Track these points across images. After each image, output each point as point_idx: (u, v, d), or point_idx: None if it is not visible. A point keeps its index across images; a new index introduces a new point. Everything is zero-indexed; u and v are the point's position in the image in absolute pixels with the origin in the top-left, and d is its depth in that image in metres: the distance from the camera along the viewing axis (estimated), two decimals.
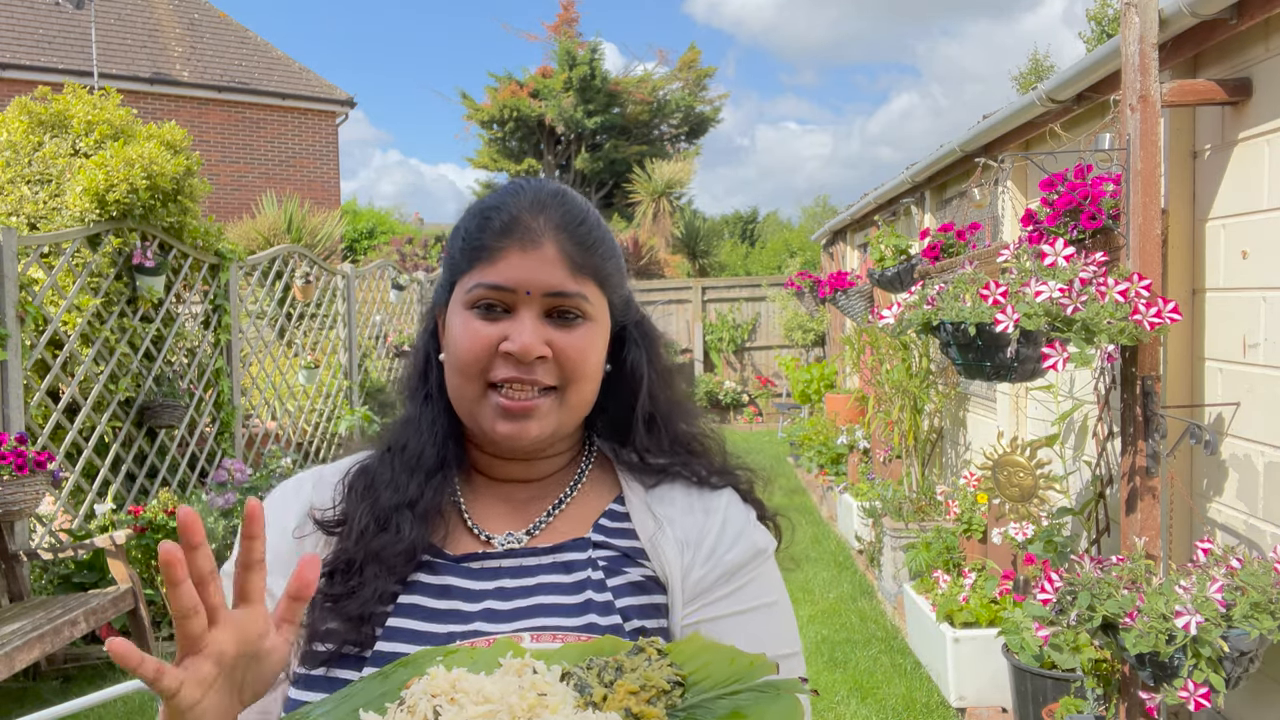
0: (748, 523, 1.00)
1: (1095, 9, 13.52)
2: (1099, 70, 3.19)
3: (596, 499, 1.03)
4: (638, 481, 1.03)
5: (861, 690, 4.06)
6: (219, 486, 5.26)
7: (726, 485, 1.03)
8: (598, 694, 0.72)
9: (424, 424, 1.01)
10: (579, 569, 0.95)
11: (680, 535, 0.97)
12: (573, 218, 0.96)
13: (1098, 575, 2.41)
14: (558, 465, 1.04)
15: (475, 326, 0.93)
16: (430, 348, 1.03)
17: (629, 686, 0.73)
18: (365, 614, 0.90)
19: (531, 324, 0.92)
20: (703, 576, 0.95)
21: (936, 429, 6.05)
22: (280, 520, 0.97)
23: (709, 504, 1.00)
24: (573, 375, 0.94)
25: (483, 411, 0.94)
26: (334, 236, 12.69)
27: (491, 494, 1.02)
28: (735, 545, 0.97)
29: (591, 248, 0.96)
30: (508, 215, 0.95)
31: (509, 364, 0.92)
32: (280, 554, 0.93)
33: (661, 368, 1.06)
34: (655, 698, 0.73)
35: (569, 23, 24.86)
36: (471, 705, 0.70)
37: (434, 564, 0.95)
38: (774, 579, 0.99)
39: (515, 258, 0.93)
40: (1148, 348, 2.61)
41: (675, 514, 0.99)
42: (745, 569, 0.96)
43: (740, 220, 31.45)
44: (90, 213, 5.06)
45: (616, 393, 1.04)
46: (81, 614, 4.09)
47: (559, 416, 0.95)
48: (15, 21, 14.75)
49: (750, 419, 13.38)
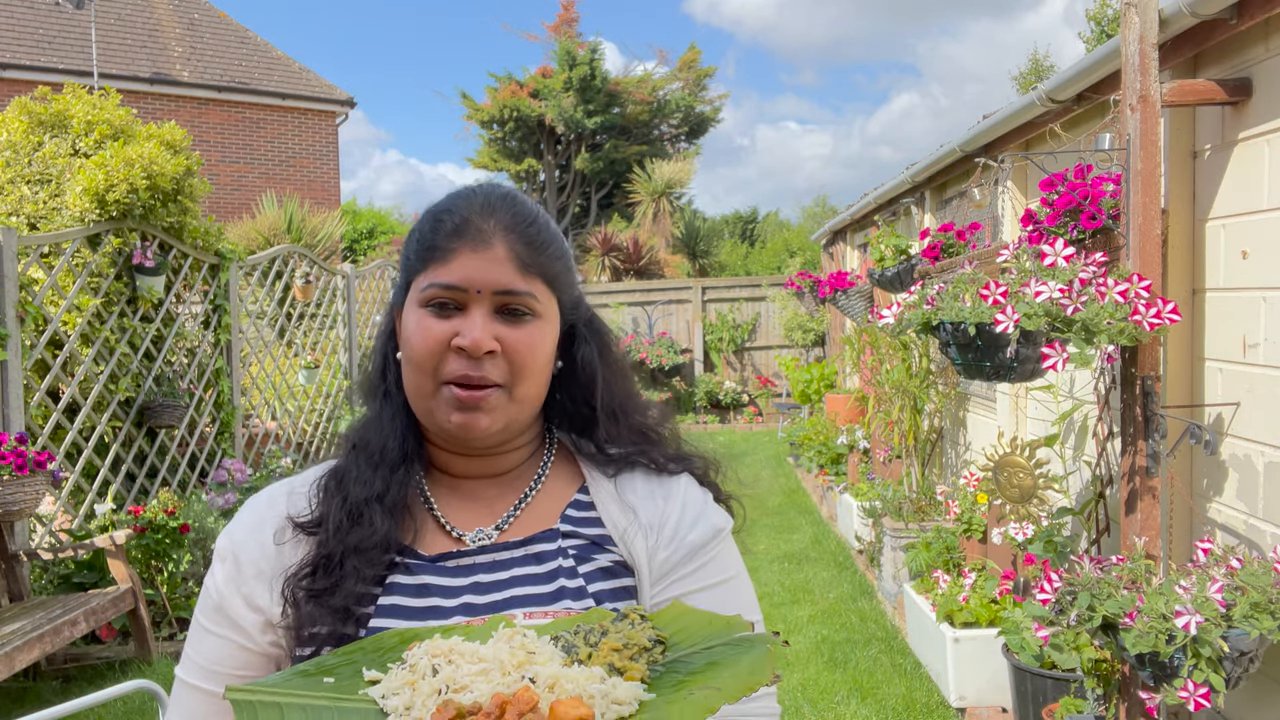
0: (706, 504, 1.07)
1: (1095, 9, 13.52)
2: (1099, 70, 3.19)
3: (561, 490, 1.07)
4: (599, 471, 1.08)
5: (861, 690, 4.06)
6: (219, 486, 5.26)
7: (683, 471, 1.09)
8: (583, 653, 0.78)
9: (384, 420, 1.05)
10: (550, 559, 1.00)
11: (644, 520, 1.03)
12: (522, 219, 1.01)
13: (1098, 575, 2.41)
14: (519, 460, 1.08)
15: (428, 324, 0.97)
16: (388, 347, 1.08)
17: (612, 644, 0.79)
18: (349, 607, 0.93)
19: (482, 320, 0.96)
20: (667, 557, 1.01)
21: (936, 429, 6.05)
22: (257, 534, 1.01)
23: (669, 489, 1.06)
24: (520, 370, 0.98)
25: (437, 405, 0.98)
26: (334, 236, 12.69)
27: (459, 493, 1.06)
28: (696, 526, 1.03)
29: (540, 248, 1.00)
30: (459, 217, 0.99)
31: (461, 360, 0.96)
32: (261, 565, 0.98)
33: (613, 362, 1.12)
34: (637, 654, 0.79)
35: (569, 23, 24.86)
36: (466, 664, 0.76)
37: (410, 565, 0.99)
38: (733, 555, 1.06)
39: (466, 258, 0.97)
40: (1148, 348, 2.61)
41: (638, 500, 1.05)
42: (706, 548, 1.03)
43: (740, 220, 31.46)
44: (90, 213, 5.06)
45: (570, 387, 1.09)
46: (81, 614, 4.09)
47: (508, 411, 0.99)
48: (15, 21, 14.74)
49: (750, 419, 13.38)
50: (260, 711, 0.75)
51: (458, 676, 0.75)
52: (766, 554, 6.39)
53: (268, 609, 0.96)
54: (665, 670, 0.78)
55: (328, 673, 0.81)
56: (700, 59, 25.39)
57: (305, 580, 0.95)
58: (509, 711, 0.70)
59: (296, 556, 0.98)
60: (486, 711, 0.70)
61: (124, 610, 4.42)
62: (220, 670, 0.96)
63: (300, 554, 0.98)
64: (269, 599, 0.96)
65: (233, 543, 1.01)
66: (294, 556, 0.98)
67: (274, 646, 0.96)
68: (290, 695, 0.77)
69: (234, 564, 0.99)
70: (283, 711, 0.75)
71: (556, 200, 24.83)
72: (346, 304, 8.06)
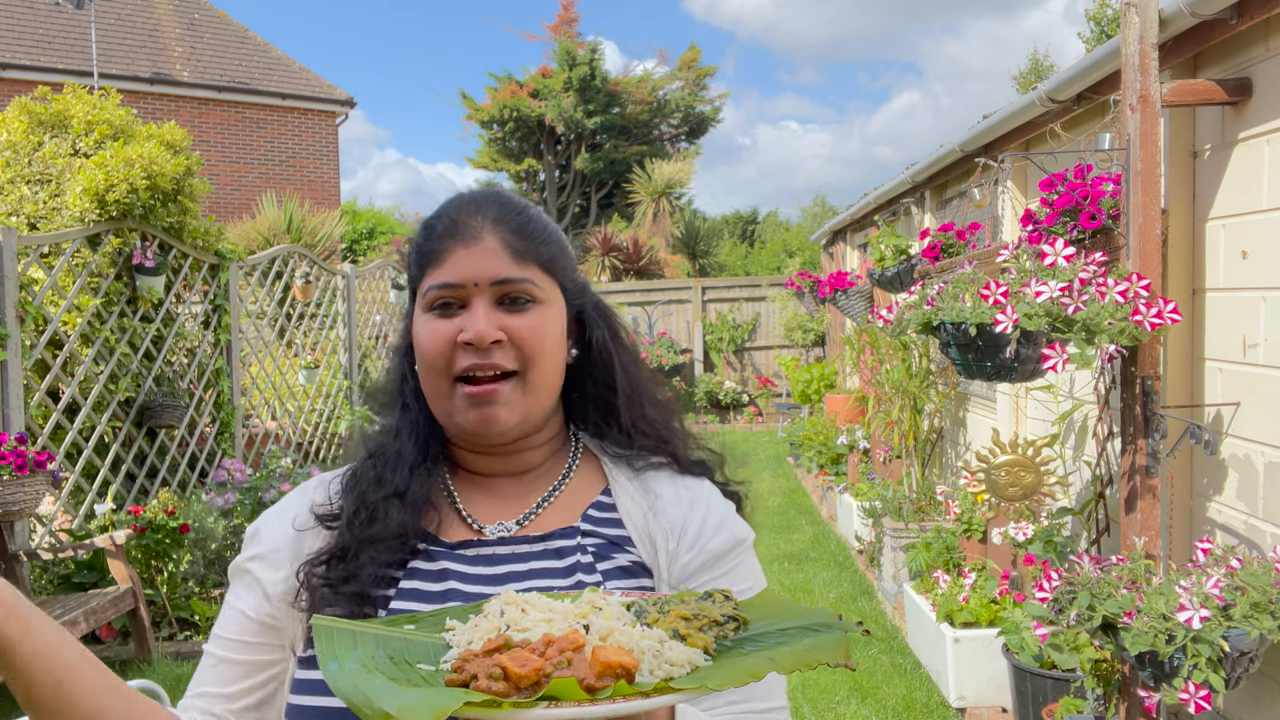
0: (729, 514, 1.07)
1: (1095, 9, 13.50)
2: (1099, 70, 3.19)
3: (585, 491, 1.08)
4: (622, 472, 1.09)
5: (861, 690, 4.06)
6: (219, 486, 5.26)
7: (705, 474, 1.11)
8: (651, 618, 0.80)
9: (404, 429, 1.07)
10: (569, 554, 1.01)
11: (666, 524, 1.03)
12: (509, 211, 1.03)
13: (1097, 575, 2.41)
14: (542, 458, 1.09)
15: (434, 325, 1.00)
16: (406, 361, 1.10)
17: (681, 613, 0.80)
18: (364, 593, 0.95)
19: (484, 312, 0.98)
20: (688, 562, 1.01)
21: (936, 429, 6.05)
22: (283, 517, 1.06)
23: (693, 494, 1.07)
24: (531, 355, 1.00)
25: (454, 405, 1.00)
26: (334, 236, 12.69)
27: (484, 490, 1.07)
28: (718, 534, 1.03)
29: (531, 235, 1.02)
30: (448, 219, 1.02)
31: (469, 353, 0.98)
32: (280, 547, 1.02)
33: (625, 344, 1.13)
34: (706, 626, 0.79)
35: (569, 23, 24.86)
36: (535, 612, 0.79)
37: (430, 551, 1.01)
38: (754, 567, 1.06)
39: (460, 255, 1.00)
40: (1148, 348, 2.61)
41: (661, 504, 1.05)
42: (728, 556, 1.03)
43: (740, 220, 31.46)
44: (90, 213, 5.06)
45: (590, 375, 1.11)
46: (81, 614, 4.09)
47: (524, 402, 1.00)
48: (15, 21, 14.74)
49: (750, 419, 13.38)
50: (336, 637, 0.79)
51: (522, 620, 0.78)
52: (766, 554, 6.39)
53: (269, 586, 0.99)
54: (734, 645, 0.79)
55: (413, 621, 0.86)
56: (700, 58, 25.39)
57: (322, 568, 0.97)
58: (551, 648, 0.72)
59: (316, 544, 1.01)
60: (533, 646, 0.72)
61: (124, 610, 4.42)
62: (223, 635, 1.01)
63: (320, 543, 1.01)
64: (273, 576, 1.00)
65: (261, 520, 1.07)
66: (314, 544, 1.01)
67: (272, 620, 0.99)
68: (369, 628, 0.82)
69: (254, 538, 1.05)
70: (356, 639, 0.79)
71: (556, 200, 24.83)
72: (346, 304, 8.06)
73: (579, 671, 0.70)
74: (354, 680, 0.71)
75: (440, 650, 0.80)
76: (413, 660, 0.78)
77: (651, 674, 0.72)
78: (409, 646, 0.80)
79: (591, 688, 0.69)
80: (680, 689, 0.70)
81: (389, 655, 0.78)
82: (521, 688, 0.68)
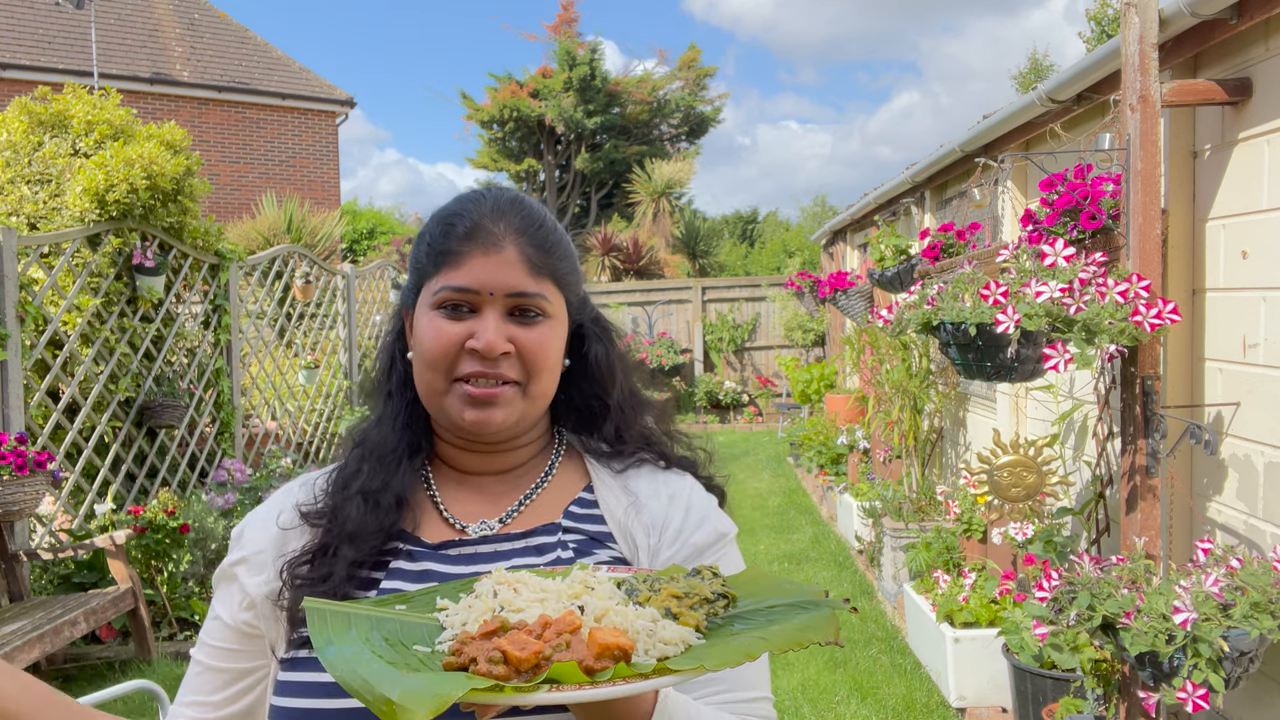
0: (711, 508, 1.09)
1: (1095, 9, 13.50)
2: (1099, 70, 3.19)
3: (567, 488, 1.09)
4: (606, 469, 1.10)
5: (861, 690, 4.06)
6: (219, 486, 5.26)
7: (688, 470, 1.13)
8: (643, 596, 0.81)
9: (388, 418, 1.08)
10: (550, 550, 1.02)
11: (647, 520, 1.04)
12: (531, 222, 1.03)
13: (1097, 575, 2.41)
14: (526, 457, 1.10)
15: (442, 326, 0.99)
16: (396, 349, 1.11)
17: (672, 591, 0.81)
18: (342, 593, 0.95)
19: (495, 322, 0.99)
20: (670, 557, 1.02)
21: (936, 429, 6.05)
22: (267, 518, 1.06)
23: (673, 490, 1.08)
24: (534, 369, 1.01)
25: (450, 402, 1.00)
26: (334, 236, 12.69)
27: (465, 487, 1.08)
28: (700, 528, 1.05)
29: (549, 250, 1.03)
30: (470, 221, 1.01)
31: (475, 360, 0.98)
32: (264, 549, 1.03)
33: (622, 357, 1.15)
34: (697, 604, 0.80)
35: (569, 23, 24.86)
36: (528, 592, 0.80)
37: (413, 552, 1.02)
38: (737, 560, 1.07)
39: (479, 261, 0.99)
40: (1148, 348, 2.61)
41: (643, 499, 1.06)
42: (710, 550, 1.04)
43: (740, 220, 31.46)
44: (90, 213, 5.06)
45: (579, 385, 1.12)
46: (81, 614, 4.09)
47: (522, 406, 1.02)
48: (15, 21, 14.74)
49: (750, 419, 13.38)
50: (330, 619, 0.79)
51: (516, 600, 0.79)
52: (766, 554, 6.39)
53: (253, 589, 1.00)
54: (724, 623, 0.80)
55: (404, 601, 0.87)
56: (700, 58, 25.40)
57: (303, 567, 0.98)
58: (549, 630, 0.72)
59: (300, 543, 1.01)
60: (530, 629, 0.73)
61: (124, 610, 4.42)
62: (207, 642, 1.02)
63: (304, 541, 1.02)
64: (256, 580, 1.00)
65: (245, 522, 1.07)
66: (297, 542, 1.02)
67: (249, 628, 1.00)
68: (361, 609, 0.82)
69: (238, 540, 1.05)
70: (350, 621, 0.79)
71: (556, 200, 24.83)
72: (346, 304, 8.06)
73: (577, 653, 0.70)
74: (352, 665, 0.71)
75: (434, 631, 0.80)
76: (408, 642, 0.78)
77: (647, 654, 0.73)
78: (404, 628, 0.80)
79: (590, 669, 0.69)
80: (678, 670, 0.70)
81: (384, 637, 0.78)
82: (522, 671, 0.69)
